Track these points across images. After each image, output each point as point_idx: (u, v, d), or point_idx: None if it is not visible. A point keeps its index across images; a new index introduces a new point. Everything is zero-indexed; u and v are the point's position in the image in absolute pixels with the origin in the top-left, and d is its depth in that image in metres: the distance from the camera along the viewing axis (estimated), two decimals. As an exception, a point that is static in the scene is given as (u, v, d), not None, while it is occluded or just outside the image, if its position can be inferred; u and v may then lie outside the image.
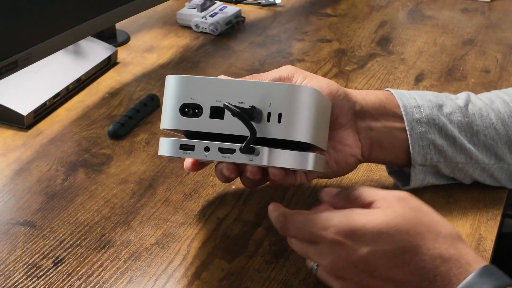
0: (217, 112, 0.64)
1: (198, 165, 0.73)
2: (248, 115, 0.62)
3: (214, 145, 0.63)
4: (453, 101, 0.80)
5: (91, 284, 0.69)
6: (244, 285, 0.70)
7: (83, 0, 0.99)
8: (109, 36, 1.19)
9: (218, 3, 1.30)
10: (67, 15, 0.96)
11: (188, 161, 0.72)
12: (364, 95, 0.76)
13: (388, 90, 0.79)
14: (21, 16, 0.88)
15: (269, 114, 0.63)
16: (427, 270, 0.57)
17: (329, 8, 1.38)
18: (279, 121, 0.63)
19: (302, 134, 0.63)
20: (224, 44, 1.22)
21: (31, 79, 1.01)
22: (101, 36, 1.16)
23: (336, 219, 0.59)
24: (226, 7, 1.29)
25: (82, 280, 0.70)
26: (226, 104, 0.62)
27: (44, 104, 0.98)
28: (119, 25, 1.23)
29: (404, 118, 0.76)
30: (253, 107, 0.63)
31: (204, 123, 0.64)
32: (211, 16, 1.26)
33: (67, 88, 1.03)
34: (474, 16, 1.36)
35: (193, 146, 0.64)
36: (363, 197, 0.62)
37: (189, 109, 0.65)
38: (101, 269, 0.71)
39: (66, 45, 1.01)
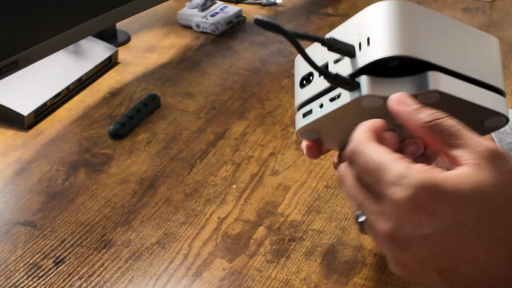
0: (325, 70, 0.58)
1: (315, 148, 0.63)
2: (328, 45, 0.56)
3: (325, 98, 0.58)
4: None
5: (92, 284, 0.69)
6: (245, 284, 0.70)
7: (83, 0, 0.99)
8: (110, 36, 1.19)
9: (219, 2, 1.30)
10: (67, 15, 0.96)
11: (303, 145, 0.64)
12: None
13: None
14: (22, 16, 0.88)
15: (359, 44, 0.55)
16: None
17: (330, 7, 1.38)
18: (368, 44, 0.54)
19: (387, 48, 0.53)
20: (225, 44, 1.22)
21: (31, 79, 1.01)
22: (102, 36, 1.15)
23: (414, 175, 0.47)
24: (226, 6, 1.29)
25: (83, 280, 0.70)
26: (263, 19, 0.57)
27: (45, 104, 0.98)
28: (119, 25, 1.22)
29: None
30: (330, 39, 0.56)
31: (315, 85, 0.60)
32: (212, 16, 1.25)
33: (67, 88, 1.03)
34: (475, 15, 1.35)
35: (311, 109, 0.60)
36: (454, 135, 0.49)
37: (305, 81, 0.61)
38: (102, 268, 0.71)
39: (67, 45, 1.00)
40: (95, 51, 1.11)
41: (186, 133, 0.95)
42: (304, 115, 0.60)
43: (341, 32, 0.58)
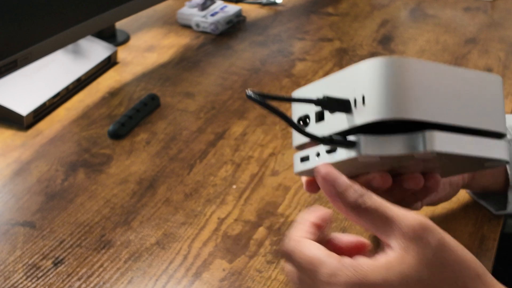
0: (320, 115, 0.59)
1: (315, 183, 0.64)
2: (320, 103, 0.56)
3: (322, 148, 0.58)
4: None
5: (91, 285, 0.69)
6: (245, 285, 0.69)
7: (82, -1, 0.99)
8: (109, 35, 1.19)
9: (219, 2, 1.30)
10: (66, 14, 0.96)
11: (303, 180, 0.65)
12: None
13: None
14: (20, 15, 0.87)
15: (355, 101, 0.55)
16: None
17: (330, 7, 1.38)
18: (363, 103, 0.54)
19: (382, 110, 0.53)
20: (224, 43, 1.22)
21: (30, 79, 1.01)
22: (101, 35, 1.15)
23: (345, 272, 0.49)
24: (226, 6, 1.29)
25: (82, 280, 0.69)
26: (251, 95, 0.58)
27: (44, 104, 0.98)
28: (119, 25, 1.22)
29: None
30: (326, 98, 0.56)
31: (312, 129, 0.60)
32: (212, 15, 1.25)
33: (67, 88, 1.02)
34: (476, 14, 1.35)
35: (308, 156, 0.60)
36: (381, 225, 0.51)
37: (302, 122, 0.61)
38: (101, 269, 0.71)
39: (66, 44, 1.00)
40: (94, 50, 1.10)
41: (185, 133, 0.95)
42: (302, 159, 0.60)
43: (335, 83, 0.58)
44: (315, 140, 0.56)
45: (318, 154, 0.58)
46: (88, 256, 0.73)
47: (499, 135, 0.58)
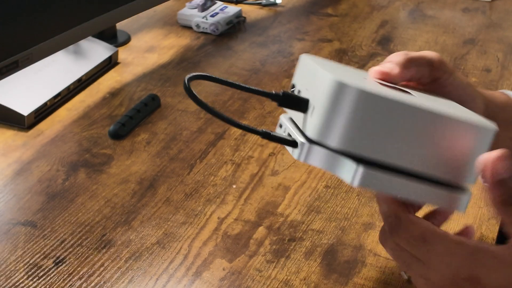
0: None
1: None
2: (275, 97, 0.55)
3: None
4: None
5: (92, 284, 0.69)
6: (245, 284, 0.70)
7: (83, 0, 0.99)
8: (110, 36, 1.19)
9: (219, 3, 1.30)
10: (67, 15, 0.96)
11: None
12: (491, 96, 0.66)
13: (503, 93, 0.69)
14: (22, 16, 0.88)
15: (309, 105, 0.53)
16: None
17: (329, 8, 1.38)
18: (311, 114, 0.52)
19: (317, 132, 0.50)
20: (224, 44, 1.22)
21: (32, 80, 1.01)
22: (102, 36, 1.15)
23: (459, 261, 0.51)
24: (226, 7, 1.29)
25: (83, 280, 0.70)
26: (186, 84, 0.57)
27: (45, 104, 0.98)
28: (119, 25, 1.23)
29: None
30: (283, 94, 0.55)
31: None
32: (212, 16, 1.26)
33: (68, 88, 1.03)
34: (475, 15, 1.36)
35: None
36: None
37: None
38: (102, 268, 0.71)
39: (67, 45, 1.00)
40: (95, 51, 1.11)
41: (186, 133, 0.95)
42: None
43: (316, 76, 0.54)
44: (253, 132, 0.54)
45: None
46: (89, 255, 0.73)
47: (460, 187, 0.54)
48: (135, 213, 0.79)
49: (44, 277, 0.70)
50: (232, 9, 1.29)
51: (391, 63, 0.58)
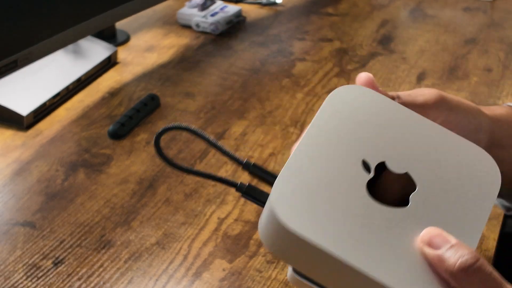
0: None
1: None
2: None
3: None
4: None
5: (92, 285, 0.69)
6: (245, 285, 0.69)
7: (83, 0, 0.99)
8: (109, 35, 1.19)
9: (219, 2, 1.30)
10: (66, 14, 0.96)
11: None
12: (498, 117, 0.61)
13: (509, 105, 0.66)
14: (21, 15, 0.87)
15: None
16: None
17: (330, 7, 1.38)
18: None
19: (282, 204, 0.45)
20: (224, 43, 1.22)
21: (30, 79, 1.01)
22: (101, 35, 1.15)
23: None
24: (226, 6, 1.29)
25: (82, 280, 0.70)
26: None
27: (44, 104, 0.98)
28: (119, 25, 1.22)
29: None
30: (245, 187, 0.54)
31: None
32: (212, 15, 1.25)
33: (67, 88, 1.02)
34: (476, 15, 1.35)
35: None
36: None
37: None
38: (101, 269, 0.71)
39: (66, 45, 1.00)
40: (95, 51, 1.10)
41: (186, 133, 0.94)
42: None
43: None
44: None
45: None
46: (88, 256, 0.73)
47: None
48: (135, 213, 0.79)
49: (43, 277, 0.70)
50: (232, 8, 1.28)
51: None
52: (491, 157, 0.51)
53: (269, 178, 0.53)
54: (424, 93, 0.57)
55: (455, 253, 0.43)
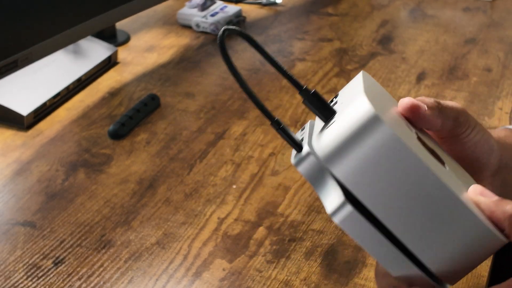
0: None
1: None
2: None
3: None
4: None
5: (92, 284, 0.69)
6: (245, 285, 0.69)
7: (83, 0, 0.99)
8: (109, 35, 1.19)
9: (219, 2, 1.30)
10: (67, 15, 0.96)
11: None
12: (502, 139, 0.62)
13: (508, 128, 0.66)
14: (21, 16, 0.87)
15: (327, 120, 0.49)
16: None
17: (330, 7, 1.38)
18: (330, 129, 0.48)
19: (323, 152, 0.46)
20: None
21: (31, 79, 1.01)
22: (101, 35, 1.15)
23: None
24: (226, 6, 1.29)
25: (82, 280, 0.70)
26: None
27: (44, 104, 0.98)
28: (119, 25, 1.22)
29: None
30: (313, 92, 0.51)
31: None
32: (212, 15, 1.25)
33: (67, 88, 1.02)
34: (476, 15, 1.35)
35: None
36: None
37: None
38: (101, 269, 0.71)
39: (66, 45, 1.00)
40: (95, 51, 1.11)
41: (186, 133, 0.95)
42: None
43: (350, 93, 0.50)
44: (266, 115, 0.53)
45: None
46: (89, 256, 0.73)
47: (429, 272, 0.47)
48: (135, 213, 0.79)
49: (43, 277, 0.70)
50: (232, 8, 1.28)
51: (423, 103, 0.54)
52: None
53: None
54: (453, 105, 0.57)
55: (507, 201, 0.48)
